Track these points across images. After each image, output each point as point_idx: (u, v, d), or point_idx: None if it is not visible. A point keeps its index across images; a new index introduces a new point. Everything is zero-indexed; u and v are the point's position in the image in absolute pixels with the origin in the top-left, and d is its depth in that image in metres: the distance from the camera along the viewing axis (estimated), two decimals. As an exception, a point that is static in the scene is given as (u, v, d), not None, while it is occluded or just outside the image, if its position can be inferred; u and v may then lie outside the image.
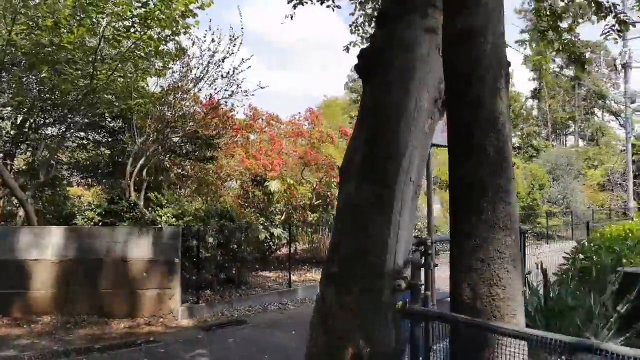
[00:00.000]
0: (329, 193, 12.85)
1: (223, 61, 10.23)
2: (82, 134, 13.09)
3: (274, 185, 11.55)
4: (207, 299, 9.66)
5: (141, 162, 9.99)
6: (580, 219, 24.23)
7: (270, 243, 12.36)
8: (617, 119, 62.91)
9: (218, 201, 12.00)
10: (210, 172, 11.89)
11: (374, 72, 4.00)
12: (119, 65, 10.23)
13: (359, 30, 7.92)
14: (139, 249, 9.06)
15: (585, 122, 59.75)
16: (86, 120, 11.87)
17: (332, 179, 12.72)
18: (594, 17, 6.28)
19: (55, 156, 13.15)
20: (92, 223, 9.49)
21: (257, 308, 9.92)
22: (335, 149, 12.31)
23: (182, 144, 11.33)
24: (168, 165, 10.56)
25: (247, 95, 10.46)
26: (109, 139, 12.73)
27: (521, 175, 26.56)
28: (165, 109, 10.68)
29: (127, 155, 10.53)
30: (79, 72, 10.21)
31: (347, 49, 8.28)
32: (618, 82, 61.37)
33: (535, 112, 61.93)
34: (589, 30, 69.76)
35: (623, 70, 31.46)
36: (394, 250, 3.60)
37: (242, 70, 10.27)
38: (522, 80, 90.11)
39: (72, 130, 11.84)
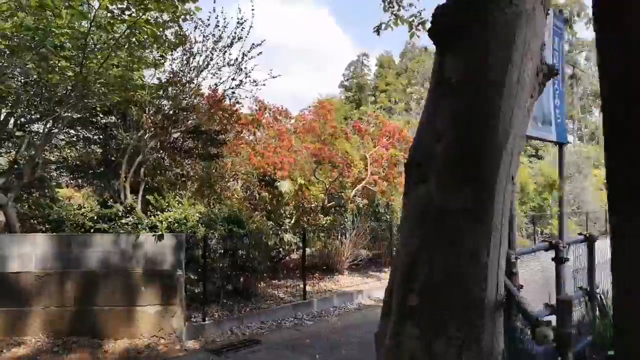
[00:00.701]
0: (342, 194, 11.77)
1: (231, 46, 9.11)
2: (72, 131, 11.94)
3: (285, 186, 10.45)
4: (214, 316, 8.54)
5: (138, 159, 8.86)
6: (593, 221, 23.39)
7: (280, 249, 11.27)
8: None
9: (222, 203, 10.88)
10: (214, 171, 10.77)
11: (460, 35, 2.90)
12: (112, 54, 9.14)
13: (393, 7, 6.83)
14: (137, 260, 7.93)
15: (583, 121, 59.29)
16: (77, 115, 10.73)
17: (347, 179, 11.66)
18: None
19: (42, 154, 12.00)
20: (82, 230, 8.34)
21: (270, 324, 8.81)
22: (351, 147, 11.26)
23: (184, 140, 10.21)
24: (168, 164, 9.45)
25: (256, 85, 9.37)
26: (101, 136, 11.55)
27: (528, 175, 25.69)
28: (165, 101, 9.55)
29: (122, 153, 9.38)
30: (68, 61, 9.11)
31: (377, 30, 7.19)
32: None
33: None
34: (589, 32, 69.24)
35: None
36: (495, 273, 2.63)
37: (252, 57, 9.17)
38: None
39: (59, 126, 10.68)
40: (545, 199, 23.87)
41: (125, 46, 9.33)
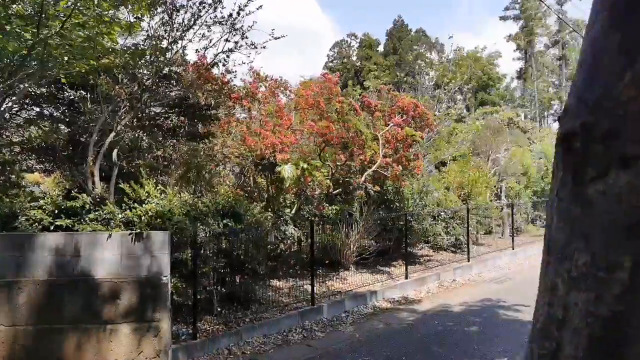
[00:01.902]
0: (351, 180, 10.23)
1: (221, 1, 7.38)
2: (37, 108, 10.15)
3: (288, 171, 8.86)
4: (207, 330, 6.98)
5: (109, 139, 7.15)
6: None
7: (281, 245, 9.72)
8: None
9: (213, 192, 9.25)
10: (202, 153, 9.11)
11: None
12: (76, 11, 7.40)
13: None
14: (109, 265, 6.30)
15: (571, 103, 58.62)
16: (41, 89, 8.98)
17: (359, 162, 10.09)
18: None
19: (5, 135, 10.20)
20: (40, 227, 6.65)
21: (275, 338, 7.30)
22: (361, 124, 9.70)
23: (166, 116, 8.50)
24: (147, 145, 7.77)
25: (255, 48, 7.68)
26: (67, 112, 9.75)
27: (529, 157, 24.53)
28: (143, 69, 7.82)
29: (90, 131, 7.65)
30: (24, 20, 7.36)
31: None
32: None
33: (517, 93, 60.59)
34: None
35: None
36: None
37: (250, 12, 7.46)
38: (506, 60, 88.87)
39: (16, 100, 8.88)
40: (549, 183, 22.72)
41: (94, 2, 7.60)
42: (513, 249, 14.35)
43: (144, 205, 6.66)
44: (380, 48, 60.38)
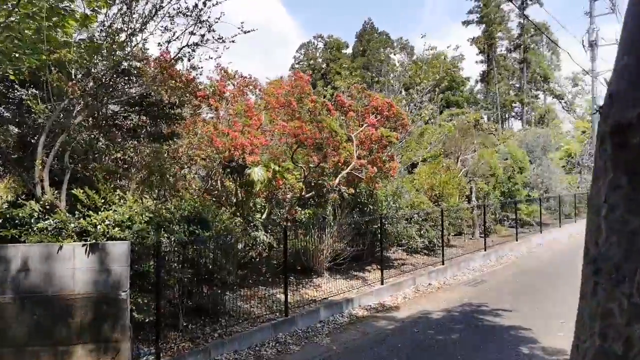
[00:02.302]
0: (324, 182, 9.81)
1: (186, -10, 6.82)
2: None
3: (258, 173, 8.35)
4: (172, 349, 6.39)
5: (61, 140, 6.47)
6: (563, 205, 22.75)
7: (252, 252, 9.20)
8: (560, 102, 64.37)
9: (177, 197, 8.64)
10: (166, 155, 8.50)
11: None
12: (25, 1, 6.74)
13: None
14: (60, 280, 5.66)
15: (531, 105, 60.31)
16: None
17: (331, 164, 9.69)
18: None
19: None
20: (-20, 238, 5.92)
21: (247, 354, 6.79)
22: (335, 124, 9.28)
23: (126, 115, 7.84)
24: (104, 147, 7.11)
25: (224, 42, 7.15)
26: (17, 112, 8.92)
27: (496, 158, 24.78)
28: (100, 64, 7.16)
29: (40, 132, 6.93)
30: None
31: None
32: (559, 64, 62.69)
33: (480, 96, 61.93)
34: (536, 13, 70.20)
35: (590, 49, 30.25)
36: None
37: (218, 2, 6.93)
38: (469, 63, 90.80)
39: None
40: (515, 184, 22.99)
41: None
42: (485, 250, 14.28)
43: (99, 212, 6.03)
44: (349, 50, 60.41)
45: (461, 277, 12.03)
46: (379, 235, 10.53)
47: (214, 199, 9.50)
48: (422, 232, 13.30)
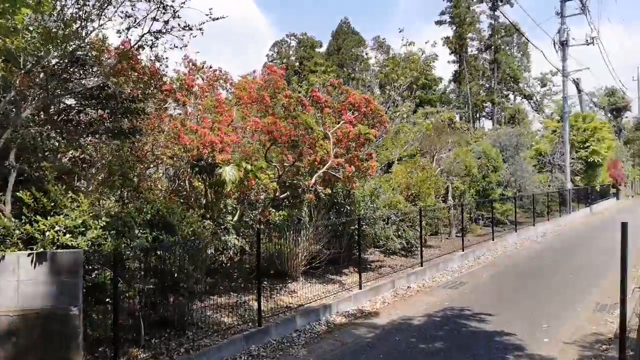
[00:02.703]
0: (300, 183, 9.31)
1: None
2: None
3: (229, 173, 7.78)
4: (132, 368, 5.78)
5: (5, 136, 5.76)
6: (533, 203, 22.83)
7: (222, 256, 8.62)
8: (529, 102, 65.59)
9: (142, 198, 8.00)
10: (129, 153, 7.83)
11: None
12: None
13: None
14: (2, 295, 4.98)
15: (501, 105, 61.19)
16: None
17: (307, 163, 9.19)
18: None
19: None
20: None
21: (217, 370, 6.22)
22: (312, 121, 8.78)
23: (82, 109, 7.14)
24: (56, 144, 6.41)
25: (190, 30, 6.55)
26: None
27: (471, 157, 24.73)
28: (51, 50, 6.45)
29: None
30: None
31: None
32: (528, 65, 63.84)
33: (452, 96, 62.52)
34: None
35: (561, 48, 30.65)
36: None
37: (183, -15, 6.33)
38: (441, 63, 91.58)
39: None
40: (490, 183, 22.97)
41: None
42: (463, 250, 14.04)
43: (49, 217, 5.37)
44: (322, 49, 59.89)
45: (440, 278, 11.72)
46: (357, 237, 10.09)
47: (181, 201, 8.87)
48: (399, 232, 12.95)
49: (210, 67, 9.39)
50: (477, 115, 62.37)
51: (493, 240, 16.34)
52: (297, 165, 9.15)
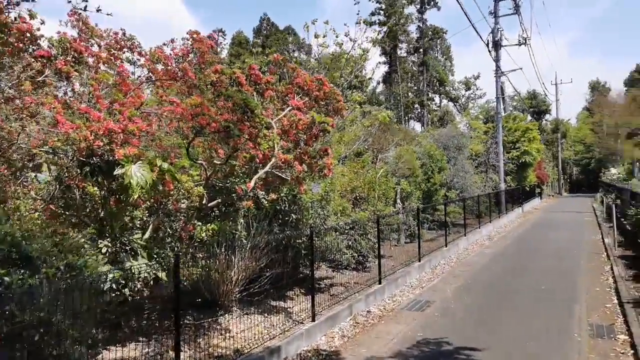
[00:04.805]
0: (235, 186, 7.09)
1: None
2: None
3: (137, 174, 5.43)
4: None
5: None
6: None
7: (127, 289, 6.19)
8: (455, 105, 67.28)
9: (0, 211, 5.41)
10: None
11: None
12: None
13: None
14: None
15: (428, 107, 62.05)
16: None
17: (243, 161, 7.01)
18: None
19: None
20: None
21: None
22: (253, 102, 6.61)
23: None
24: None
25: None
26: None
27: (415, 158, 23.59)
28: None
29: None
30: None
31: None
32: (452, 68, 65.52)
33: (382, 97, 62.53)
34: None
35: (494, 49, 30.60)
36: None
37: None
38: (370, 65, 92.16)
39: None
40: (434, 184, 21.87)
41: None
42: (420, 260, 12.45)
43: None
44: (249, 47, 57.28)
45: (401, 297, 9.97)
46: (309, 254, 8.04)
47: (67, 213, 6.34)
48: (350, 243, 11.07)
49: (112, 31, 6.92)
50: (407, 117, 62.73)
51: (446, 246, 15.00)
52: (231, 164, 6.92)
